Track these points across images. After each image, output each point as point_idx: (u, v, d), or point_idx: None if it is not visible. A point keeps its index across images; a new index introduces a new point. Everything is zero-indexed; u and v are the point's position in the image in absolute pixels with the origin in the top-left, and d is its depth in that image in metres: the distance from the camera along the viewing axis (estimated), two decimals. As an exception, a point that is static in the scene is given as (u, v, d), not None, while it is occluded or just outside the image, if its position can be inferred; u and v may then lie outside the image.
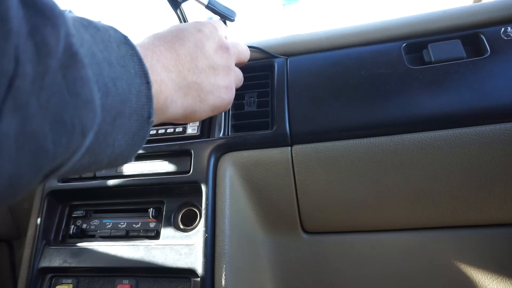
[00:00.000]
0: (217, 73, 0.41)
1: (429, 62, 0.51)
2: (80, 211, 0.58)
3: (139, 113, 0.27)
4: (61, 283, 0.53)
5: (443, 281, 0.54)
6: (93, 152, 0.24)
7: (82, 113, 0.21)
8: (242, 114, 0.56)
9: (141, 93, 0.27)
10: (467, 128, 0.47)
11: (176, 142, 0.55)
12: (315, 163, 0.51)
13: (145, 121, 0.28)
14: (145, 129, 0.29)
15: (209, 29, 0.41)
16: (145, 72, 0.28)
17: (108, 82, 0.24)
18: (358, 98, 0.51)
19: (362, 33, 0.57)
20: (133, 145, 0.29)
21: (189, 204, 0.54)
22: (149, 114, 0.28)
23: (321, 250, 0.57)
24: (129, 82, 0.26)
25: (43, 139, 0.19)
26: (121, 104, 0.25)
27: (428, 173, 0.49)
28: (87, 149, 0.24)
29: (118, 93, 0.25)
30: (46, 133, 0.19)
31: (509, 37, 0.50)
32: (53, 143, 0.20)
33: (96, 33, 0.25)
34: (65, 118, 0.20)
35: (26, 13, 0.18)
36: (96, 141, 0.24)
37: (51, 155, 0.20)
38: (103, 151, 0.25)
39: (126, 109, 0.26)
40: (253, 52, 0.61)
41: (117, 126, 0.25)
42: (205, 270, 0.47)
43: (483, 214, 0.51)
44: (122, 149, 0.27)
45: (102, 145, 0.25)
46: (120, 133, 0.26)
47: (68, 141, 0.21)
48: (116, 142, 0.26)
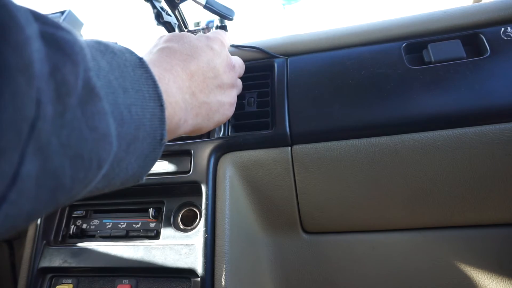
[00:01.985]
0: (223, 91, 0.42)
1: (429, 62, 0.51)
2: (80, 211, 0.58)
3: (152, 136, 0.27)
4: (61, 283, 0.53)
5: (443, 281, 0.54)
6: (107, 178, 0.25)
7: (100, 146, 0.21)
8: (242, 114, 0.56)
9: (155, 116, 0.27)
10: (467, 128, 0.47)
11: (176, 142, 0.55)
12: (315, 163, 0.51)
13: (157, 142, 0.28)
14: (157, 151, 0.29)
15: (218, 46, 0.42)
16: (159, 95, 0.28)
17: (123, 110, 0.24)
18: (358, 98, 0.51)
19: (362, 33, 0.57)
20: (145, 166, 0.29)
21: (189, 204, 0.54)
22: (162, 136, 0.28)
23: (321, 250, 0.57)
24: (143, 106, 0.26)
25: (62, 176, 0.19)
26: (136, 130, 0.25)
27: (428, 173, 0.49)
28: (102, 177, 0.24)
29: (133, 119, 0.25)
30: (66, 170, 0.19)
31: (509, 37, 0.50)
32: (71, 178, 0.20)
33: (112, 59, 0.25)
34: (83, 153, 0.20)
35: (48, 52, 0.18)
36: (111, 169, 0.24)
37: (68, 189, 0.20)
38: (117, 175, 0.26)
39: (140, 134, 0.26)
40: (253, 52, 0.61)
41: (131, 151, 0.26)
42: (205, 270, 0.47)
43: (483, 214, 0.51)
44: (134, 171, 0.28)
45: (116, 171, 0.25)
46: (133, 157, 0.26)
47: (85, 175, 0.21)
48: (129, 166, 0.26)
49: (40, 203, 0.18)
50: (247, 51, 0.61)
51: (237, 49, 0.61)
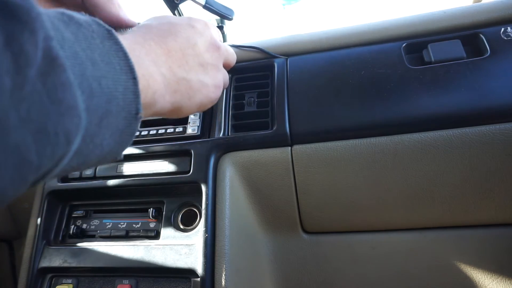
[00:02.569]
0: (207, 71, 0.40)
1: (429, 62, 0.51)
2: (80, 211, 0.58)
3: (126, 110, 0.26)
4: (61, 283, 0.53)
5: (443, 281, 0.54)
6: (81, 154, 0.24)
7: (66, 120, 0.20)
8: (242, 114, 0.56)
9: (128, 89, 0.26)
10: (467, 128, 0.47)
11: (176, 142, 0.55)
12: (315, 163, 0.51)
13: (133, 117, 0.27)
14: (133, 126, 0.28)
15: (201, 26, 0.41)
16: (130, 67, 0.27)
17: (93, 82, 0.23)
18: (358, 98, 0.51)
19: (362, 33, 0.57)
20: (121, 143, 0.28)
21: (189, 204, 0.54)
22: (137, 110, 0.27)
23: (321, 250, 0.57)
24: (114, 79, 0.25)
25: (26, 152, 0.18)
26: (107, 103, 0.24)
27: (428, 173, 0.49)
28: (75, 153, 0.23)
29: (104, 92, 0.24)
30: (29, 145, 0.18)
31: (509, 37, 0.50)
32: (37, 154, 0.19)
33: (78, 30, 0.24)
34: (48, 127, 0.19)
35: (2, 20, 0.17)
36: (83, 144, 0.23)
37: (36, 166, 0.19)
38: (92, 152, 0.25)
39: (113, 107, 0.25)
40: (253, 52, 0.61)
41: (104, 125, 0.25)
42: (205, 270, 0.47)
43: (483, 214, 0.51)
44: (110, 148, 0.27)
45: (90, 147, 0.24)
46: (108, 132, 0.25)
47: (53, 150, 0.20)
48: (104, 141, 0.25)
49: (5, 180, 0.18)
50: (247, 51, 0.61)
51: (237, 49, 0.61)
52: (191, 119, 0.58)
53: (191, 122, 0.58)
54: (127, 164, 0.56)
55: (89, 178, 0.57)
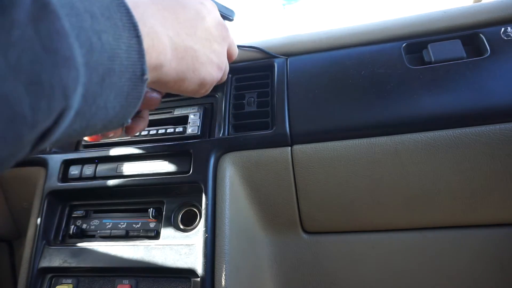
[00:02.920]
0: (213, 48, 0.38)
1: (429, 62, 0.51)
2: (80, 211, 0.58)
3: (131, 70, 0.25)
4: (61, 283, 0.53)
5: (443, 281, 0.54)
6: (83, 116, 0.22)
7: (62, 72, 0.19)
8: (242, 114, 0.56)
9: (132, 48, 0.24)
10: (467, 128, 0.47)
11: (176, 142, 0.55)
12: (315, 163, 0.51)
13: (138, 79, 0.25)
14: (140, 88, 0.26)
15: (210, 4, 0.40)
16: (134, 24, 0.25)
17: (92, 36, 0.21)
18: (358, 98, 0.51)
19: (362, 33, 0.57)
20: (128, 106, 0.26)
21: (189, 204, 0.54)
22: (142, 71, 0.25)
23: (321, 250, 0.57)
24: (116, 36, 0.23)
25: (17, 103, 0.17)
26: (110, 61, 0.22)
27: (428, 173, 0.49)
28: (77, 113, 0.21)
29: (105, 48, 0.22)
30: (21, 96, 0.17)
31: (509, 37, 0.50)
32: (31, 107, 0.17)
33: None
34: (42, 78, 0.18)
35: None
36: (85, 104, 0.22)
37: (30, 121, 0.18)
38: (95, 114, 0.23)
39: (115, 66, 0.23)
40: (253, 52, 0.61)
41: (107, 86, 0.23)
42: (205, 270, 0.47)
43: (483, 214, 0.51)
44: (116, 111, 0.25)
45: (93, 108, 0.22)
46: (112, 94, 0.24)
47: (49, 105, 0.18)
48: (108, 104, 0.24)
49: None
50: (247, 51, 0.61)
51: (237, 49, 0.61)
52: (191, 119, 0.58)
53: (191, 122, 0.58)
54: (127, 164, 0.56)
55: (89, 178, 0.57)
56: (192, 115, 0.59)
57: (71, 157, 0.59)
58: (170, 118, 0.60)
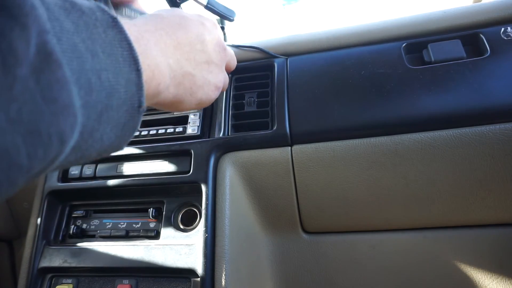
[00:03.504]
0: (211, 69, 0.40)
1: (429, 62, 0.51)
2: (80, 211, 0.58)
3: (128, 103, 0.25)
4: (61, 283, 0.53)
5: (443, 281, 0.54)
6: (79, 149, 0.23)
7: (60, 120, 0.19)
8: (242, 114, 0.56)
9: (131, 81, 0.25)
10: (467, 128, 0.47)
11: (176, 142, 0.55)
12: (315, 163, 0.51)
13: (135, 110, 0.26)
14: (136, 119, 0.27)
15: (210, 24, 0.41)
16: (135, 58, 0.25)
17: (92, 77, 0.22)
18: (358, 98, 0.51)
19: (362, 33, 0.57)
20: (123, 136, 0.27)
21: (189, 204, 0.54)
22: (140, 103, 0.26)
23: (321, 250, 0.57)
24: (116, 72, 0.24)
25: (15, 154, 0.17)
26: (107, 98, 0.23)
27: (428, 173, 0.49)
28: (72, 149, 0.22)
29: (104, 86, 0.23)
30: (19, 147, 0.17)
31: (509, 37, 0.50)
32: (28, 156, 0.18)
33: (79, 18, 0.22)
34: (40, 128, 0.18)
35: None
36: (81, 140, 0.22)
37: (26, 169, 0.18)
38: (91, 146, 0.24)
39: (113, 101, 0.24)
40: (253, 52, 0.61)
41: (104, 120, 0.24)
42: (205, 270, 0.47)
43: (483, 214, 0.51)
44: (111, 141, 0.26)
45: (89, 142, 0.23)
46: (108, 127, 0.24)
47: (45, 152, 0.19)
48: (104, 136, 0.24)
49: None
50: (247, 51, 0.61)
51: (237, 49, 0.61)
52: (191, 119, 0.58)
53: (191, 122, 0.58)
54: (127, 164, 0.56)
55: (89, 178, 0.57)
56: (192, 115, 0.59)
57: (71, 157, 0.59)
58: (170, 118, 0.60)
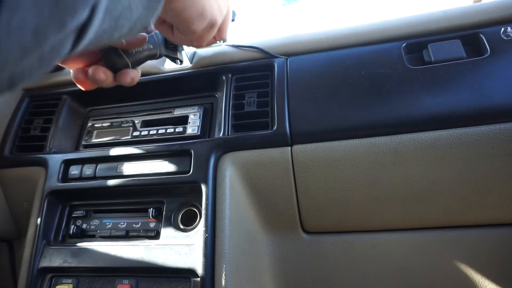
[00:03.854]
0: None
1: (429, 62, 0.51)
2: (80, 211, 0.58)
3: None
4: (61, 283, 0.53)
5: (443, 281, 0.54)
6: (111, 14, 0.24)
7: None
8: (242, 114, 0.56)
9: None
10: (467, 128, 0.47)
11: (176, 142, 0.55)
12: (315, 163, 0.51)
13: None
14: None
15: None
16: None
17: None
18: (358, 98, 0.51)
19: (362, 33, 0.57)
20: (149, 8, 0.28)
21: (189, 204, 0.54)
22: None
23: (321, 250, 0.57)
24: None
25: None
26: None
27: (428, 173, 0.49)
28: (106, 10, 0.23)
29: None
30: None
31: (509, 37, 0.50)
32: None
33: None
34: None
35: None
36: (111, 3, 0.23)
37: (71, 7, 0.19)
38: (121, 14, 0.25)
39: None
40: (253, 52, 0.61)
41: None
42: (205, 270, 0.47)
43: (483, 214, 0.51)
44: (139, 13, 0.27)
45: (119, 7, 0.24)
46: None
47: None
48: (132, 3, 0.25)
49: (43, 19, 0.17)
50: (247, 51, 0.61)
51: (237, 49, 0.61)
52: (191, 119, 0.58)
53: (191, 122, 0.58)
54: (127, 164, 0.56)
55: (89, 178, 0.57)
56: (192, 115, 0.59)
57: (71, 157, 0.59)
58: (170, 118, 0.60)
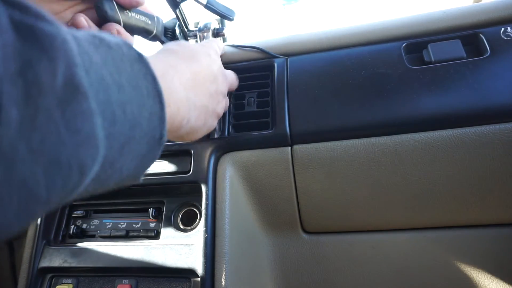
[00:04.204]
0: (218, 100, 0.42)
1: (429, 62, 0.51)
2: (80, 211, 0.58)
3: (150, 135, 0.26)
4: (61, 283, 0.53)
5: (443, 281, 0.54)
6: (98, 180, 0.23)
7: (81, 151, 0.19)
8: (242, 114, 0.56)
9: (154, 114, 0.26)
10: (467, 128, 0.47)
11: (176, 142, 0.55)
12: (315, 163, 0.51)
13: (156, 142, 0.26)
14: (156, 151, 0.27)
15: (214, 54, 0.43)
16: (159, 92, 0.26)
17: (116, 109, 0.22)
18: (358, 98, 0.51)
19: (362, 33, 0.57)
20: (142, 167, 0.27)
21: (189, 204, 0.54)
22: (161, 135, 0.27)
23: (321, 250, 0.57)
24: (140, 104, 0.24)
25: (34, 186, 0.17)
26: (130, 130, 0.23)
27: (428, 173, 0.49)
28: (92, 180, 0.22)
29: (127, 119, 0.23)
30: (38, 179, 0.17)
31: (509, 37, 0.50)
32: (46, 188, 0.18)
33: (107, 53, 0.23)
34: (61, 159, 0.18)
35: (20, 47, 0.16)
36: (102, 171, 0.22)
37: (45, 200, 0.18)
38: (110, 177, 0.24)
39: (136, 133, 0.24)
40: (253, 52, 0.61)
41: (126, 152, 0.24)
42: (205, 270, 0.47)
43: (483, 214, 0.51)
44: (130, 172, 0.26)
45: (109, 173, 0.23)
46: (129, 157, 0.24)
47: (64, 183, 0.19)
48: (124, 166, 0.25)
49: (8, 216, 0.16)
50: (247, 51, 0.61)
51: (237, 49, 0.61)
52: (191, 119, 0.58)
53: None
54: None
55: (89, 178, 0.57)
56: (192, 115, 0.59)
57: (71, 157, 0.59)
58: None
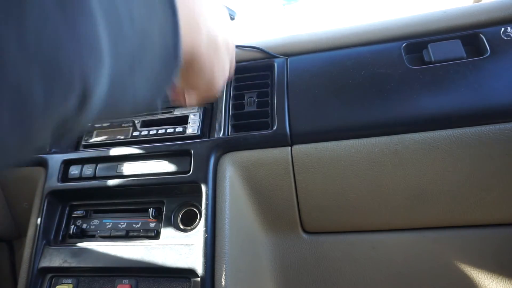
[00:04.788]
0: (223, 54, 0.38)
1: (429, 62, 0.51)
2: (80, 211, 0.58)
3: (163, 48, 0.22)
4: (61, 283, 0.53)
5: (443, 281, 0.54)
6: (109, 103, 0.20)
7: (83, 54, 0.17)
8: (242, 114, 0.56)
9: (166, 21, 0.22)
10: (467, 128, 0.47)
11: (176, 142, 0.55)
12: (315, 163, 0.51)
13: (171, 54, 0.23)
14: (172, 65, 0.24)
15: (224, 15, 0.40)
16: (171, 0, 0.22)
17: (122, 12, 0.19)
18: (358, 98, 0.51)
19: (362, 33, 0.57)
20: (158, 87, 0.24)
21: (189, 204, 0.54)
22: (176, 49, 0.23)
23: (321, 250, 0.57)
24: (148, 6, 0.21)
25: (29, 88, 0.15)
26: (139, 39, 0.20)
27: (428, 173, 0.49)
28: (102, 102, 0.19)
29: (135, 26, 0.20)
30: (34, 81, 0.15)
31: (509, 37, 0.50)
32: (44, 93, 0.15)
33: None
34: (60, 62, 0.16)
35: None
36: (111, 91, 0.20)
37: (42, 108, 0.16)
38: (124, 98, 0.22)
39: (146, 44, 0.21)
40: (253, 52, 0.61)
41: (137, 68, 0.21)
42: (205, 270, 0.47)
43: (483, 214, 0.51)
44: (144, 94, 0.23)
45: (119, 93, 0.21)
46: (141, 76, 0.22)
47: (65, 93, 0.16)
48: (136, 86, 0.22)
49: (3, 127, 0.14)
50: (247, 51, 0.61)
51: (237, 49, 0.61)
52: (191, 119, 0.58)
53: (191, 122, 0.58)
54: (127, 164, 0.56)
55: (89, 178, 0.57)
56: (192, 115, 0.59)
57: (71, 157, 0.59)
58: (170, 118, 0.60)
